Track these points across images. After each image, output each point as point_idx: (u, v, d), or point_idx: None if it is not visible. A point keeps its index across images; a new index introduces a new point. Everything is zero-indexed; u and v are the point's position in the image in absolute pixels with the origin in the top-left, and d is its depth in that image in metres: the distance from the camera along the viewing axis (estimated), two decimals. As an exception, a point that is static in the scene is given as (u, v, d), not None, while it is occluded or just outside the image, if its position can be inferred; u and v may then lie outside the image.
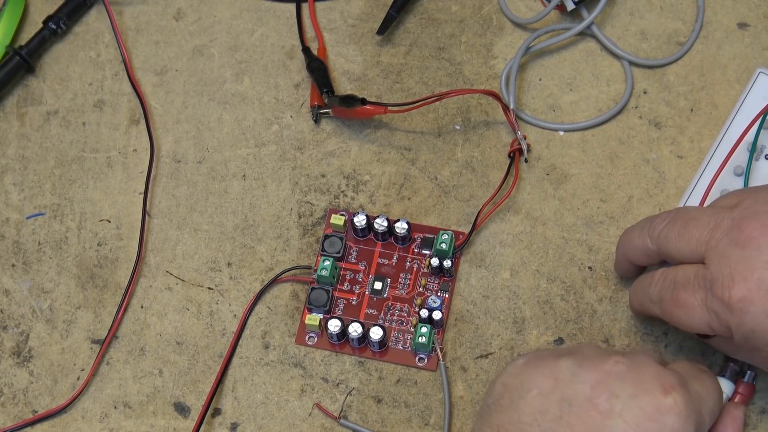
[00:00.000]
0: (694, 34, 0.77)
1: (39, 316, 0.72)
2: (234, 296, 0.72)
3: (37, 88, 0.79)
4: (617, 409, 0.56)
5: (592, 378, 0.57)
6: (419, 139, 0.75)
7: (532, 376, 0.58)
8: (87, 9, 0.81)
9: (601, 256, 0.71)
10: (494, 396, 0.60)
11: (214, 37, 0.80)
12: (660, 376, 0.57)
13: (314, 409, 0.68)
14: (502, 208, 0.73)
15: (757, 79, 0.71)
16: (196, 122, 0.77)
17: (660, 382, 0.57)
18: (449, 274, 0.71)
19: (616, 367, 0.57)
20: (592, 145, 0.75)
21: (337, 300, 0.71)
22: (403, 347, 0.69)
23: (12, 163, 0.76)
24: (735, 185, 0.68)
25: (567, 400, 0.57)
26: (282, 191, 0.74)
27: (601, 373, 0.57)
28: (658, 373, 0.57)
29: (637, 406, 0.56)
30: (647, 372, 0.57)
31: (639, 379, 0.57)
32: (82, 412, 0.69)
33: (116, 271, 0.73)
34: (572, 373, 0.58)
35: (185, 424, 0.68)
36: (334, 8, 0.80)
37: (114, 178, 0.75)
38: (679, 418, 0.56)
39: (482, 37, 0.78)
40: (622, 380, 0.57)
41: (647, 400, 0.56)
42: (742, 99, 0.70)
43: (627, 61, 0.76)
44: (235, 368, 0.70)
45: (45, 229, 0.74)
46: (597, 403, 0.56)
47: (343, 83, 0.77)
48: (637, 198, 0.73)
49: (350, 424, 0.67)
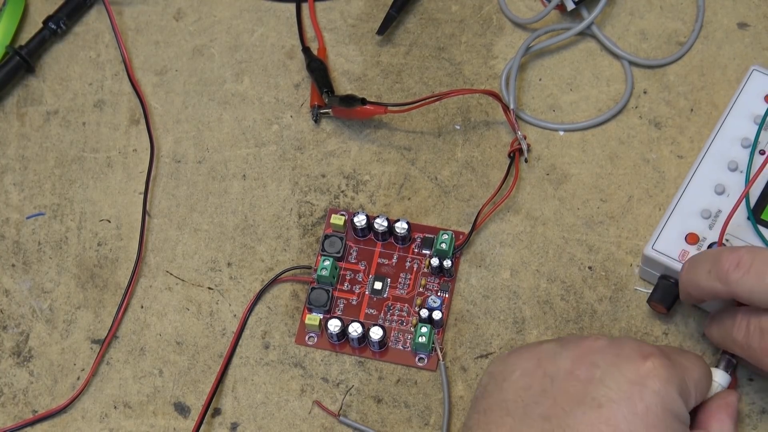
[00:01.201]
0: (694, 34, 0.77)
1: (39, 316, 0.72)
2: (234, 296, 0.72)
3: (37, 88, 0.79)
4: (597, 376, 0.58)
5: (573, 354, 0.59)
6: (419, 139, 0.76)
7: (516, 360, 0.61)
8: (87, 9, 0.81)
9: (601, 256, 0.71)
10: (481, 385, 0.61)
11: (214, 37, 0.80)
12: (639, 346, 0.59)
13: (314, 407, 0.68)
14: (502, 208, 0.73)
15: (750, 76, 0.71)
16: (196, 122, 0.77)
17: (639, 351, 0.59)
18: (449, 274, 0.71)
19: (597, 343, 0.59)
20: (592, 145, 0.75)
21: (337, 300, 0.71)
22: (403, 347, 0.69)
23: (12, 163, 0.76)
24: (730, 180, 0.68)
25: (549, 376, 0.59)
26: (282, 191, 0.74)
27: (581, 349, 0.59)
28: (637, 344, 0.59)
29: (618, 373, 0.58)
30: (627, 344, 0.59)
31: (618, 351, 0.59)
32: (82, 412, 0.69)
33: (116, 271, 0.73)
34: (554, 352, 0.60)
35: (185, 424, 0.68)
36: (334, 8, 0.80)
37: (114, 178, 0.75)
38: (660, 381, 0.57)
39: (482, 37, 0.78)
40: (602, 352, 0.59)
41: (627, 367, 0.58)
42: (737, 95, 0.70)
43: (627, 61, 0.76)
44: (235, 368, 0.70)
45: (45, 229, 0.74)
46: (578, 374, 0.58)
47: (343, 83, 0.77)
48: (637, 198, 0.73)
49: (349, 421, 0.67)
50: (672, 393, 0.58)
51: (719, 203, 0.68)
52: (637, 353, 0.58)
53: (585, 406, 0.57)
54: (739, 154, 0.69)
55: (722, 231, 0.65)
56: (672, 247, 0.67)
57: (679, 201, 0.68)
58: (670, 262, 0.67)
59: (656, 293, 0.68)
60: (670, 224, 0.68)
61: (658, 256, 0.67)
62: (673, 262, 0.67)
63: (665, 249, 0.67)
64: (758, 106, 0.70)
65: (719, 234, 0.66)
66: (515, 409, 0.58)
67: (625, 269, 0.71)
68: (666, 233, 0.68)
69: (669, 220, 0.68)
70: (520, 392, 0.59)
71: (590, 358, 0.59)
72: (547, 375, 0.59)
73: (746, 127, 0.70)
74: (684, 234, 0.67)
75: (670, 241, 0.67)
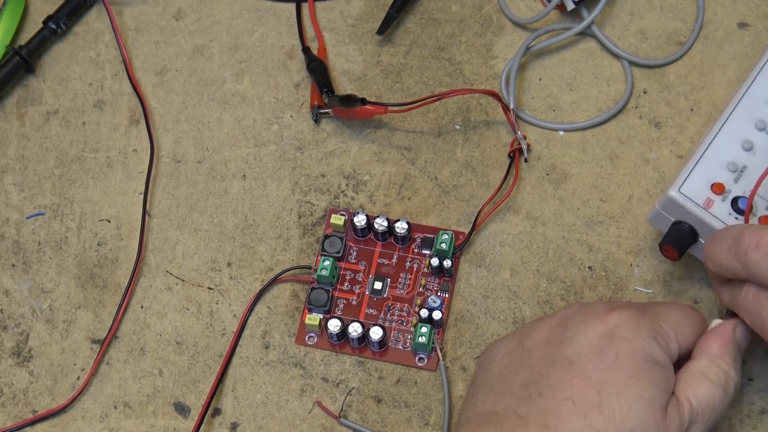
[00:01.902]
0: (694, 34, 0.77)
1: (39, 316, 0.72)
2: (234, 296, 0.72)
3: (37, 88, 0.79)
4: (568, 336, 0.59)
5: (548, 324, 0.61)
6: (419, 139, 0.75)
7: (500, 343, 0.63)
8: (87, 9, 0.81)
9: (601, 256, 0.71)
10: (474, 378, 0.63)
11: (214, 37, 0.80)
12: (608, 303, 0.61)
13: (314, 408, 0.68)
14: (502, 208, 0.73)
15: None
16: (196, 122, 0.77)
17: (606, 306, 0.60)
18: (449, 274, 0.71)
19: (570, 310, 0.61)
20: (592, 144, 0.75)
21: (337, 300, 0.71)
22: (403, 347, 0.69)
23: (12, 163, 0.76)
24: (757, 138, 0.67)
25: (527, 348, 0.60)
26: (282, 191, 0.74)
27: (555, 319, 0.61)
28: (606, 302, 0.61)
29: (586, 328, 0.59)
30: (596, 304, 0.61)
31: (588, 310, 0.60)
32: (82, 412, 0.69)
33: (116, 271, 0.73)
34: (531, 327, 0.62)
35: (185, 424, 0.68)
36: (334, 8, 0.80)
37: (114, 178, 0.75)
38: (628, 327, 0.58)
39: (482, 37, 0.78)
40: (572, 317, 0.60)
41: (595, 321, 0.59)
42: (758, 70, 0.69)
43: (627, 60, 0.76)
44: (235, 368, 0.70)
45: (45, 229, 0.74)
46: (551, 340, 0.60)
47: (343, 83, 0.77)
48: (637, 198, 0.73)
49: (350, 423, 0.67)
50: (643, 337, 0.58)
51: (746, 159, 0.67)
52: (605, 308, 0.60)
53: (557, 366, 0.58)
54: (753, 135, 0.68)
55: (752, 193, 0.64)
56: (698, 193, 0.65)
57: (707, 150, 0.67)
58: (694, 208, 0.65)
59: (670, 237, 0.66)
60: (697, 171, 0.66)
61: (684, 200, 0.65)
62: (698, 209, 0.65)
63: (692, 194, 0.65)
64: None
65: (750, 196, 0.65)
66: (497, 384, 0.60)
67: (625, 269, 0.71)
68: (693, 179, 0.66)
69: (696, 166, 0.66)
70: (503, 369, 0.60)
71: (563, 323, 0.60)
72: (525, 348, 0.60)
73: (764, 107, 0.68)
74: (710, 183, 0.66)
75: (696, 187, 0.66)
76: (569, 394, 0.57)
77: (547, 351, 0.59)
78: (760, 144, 0.67)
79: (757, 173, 0.66)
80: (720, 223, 0.65)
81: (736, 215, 0.65)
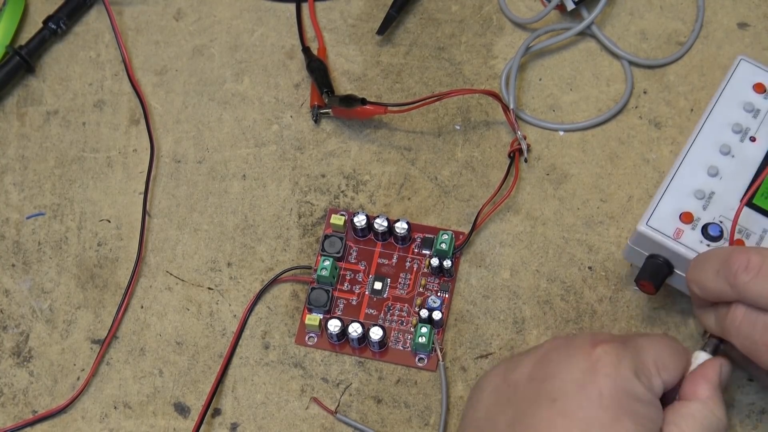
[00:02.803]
0: (694, 34, 0.77)
1: (39, 316, 0.72)
2: (234, 296, 0.72)
3: (37, 88, 0.79)
4: (551, 371, 0.57)
5: (533, 358, 0.59)
6: (419, 139, 0.76)
7: (487, 379, 0.60)
8: (87, 9, 0.81)
9: (601, 256, 0.71)
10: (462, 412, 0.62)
11: (214, 37, 0.80)
12: (591, 336, 0.59)
13: (313, 406, 0.68)
14: (502, 208, 0.73)
15: (738, 65, 0.70)
16: (196, 122, 0.77)
17: (590, 340, 0.58)
18: (449, 274, 0.71)
19: (554, 343, 0.59)
20: (592, 145, 0.75)
21: (337, 300, 0.71)
22: (403, 347, 0.69)
23: (12, 163, 0.76)
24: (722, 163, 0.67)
25: (513, 385, 0.58)
26: (282, 191, 0.74)
27: (540, 351, 0.59)
28: (590, 335, 0.59)
29: (570, 364, 0.57)
30: (579, 337, 0.59)
31: (572, 344, 0.58)
32: (82, 412, 0.69)
33: (116, 271, 0.73)
34: (518, 361, 0.59)
35: (185, 424, 0.68)
36: (334, 8, 0.80)
37: (114, 178, 0.75)
38: (610, 364, 0.57)
39: (482, 37, 0.78)
40: (557, 350, 0.59)
41: (579, 357, 0.57)
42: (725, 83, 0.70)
43: (627, 61, 0.76)
44: (235, 368, 0.70)
45: (45, 229, 0.74)
46: (535, 376, 0.58)
47: (343, 83, 0.77)
48: (637, 198, 0.73)
49: (346, 419, 0.67)
50: (625, 374, 0.57)
51: (713, 185, 0.67)
52: (587, 342, 0.58)
53: (542, 404, 0.57)
54: (731, 140, 0.68)
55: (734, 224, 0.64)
56: (667, 224, 0.66)
57: (672, 180, 0.67)
58: (665, 240, 0.65)
59: (645, 272, 0.66)
60: (664, 202, 0.66)
61: (653, 233, 0.65)
62: (668, 240, 0.65)
63: (660, 226, 0.66)
64: (746, 95, 0.69)
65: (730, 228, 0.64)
66: (485, 425, 0.58)
67: (625, 269, 0.71)
68: (660, 211, 0.66)
69: (663, 198, 0.66)
70: (490, 408, 0.59)
71: (546, 357, 0.58)
72: (510, 385, 0.58)
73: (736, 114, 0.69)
74: (679, 213, 0.66)
75: (665, 219, 0.66)
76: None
77: (531, 387, 0.58)
78: (725, 168, 0.67)
79: (724, 198, 0.66)
80: (692, 252, 0.64)
81: (707, 242, 0.65)
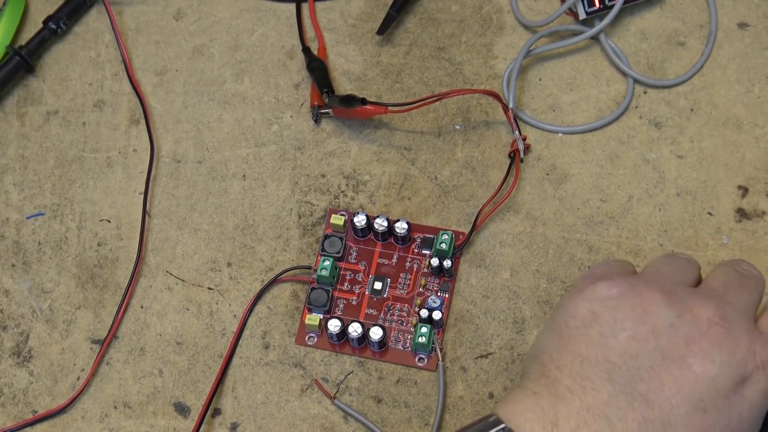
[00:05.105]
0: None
1: (39, 316, 0.72)
2: (234, 296, 0.72)
3: (37, 88, 0.79)
4: (711, 375, 0.55)
5: (689, 334, 0.56)
6: (419, 139, 0.75)
7: (627, 315, 0.57)
8: (87, 9, 0.81)
9: (601, 256, 0.71)
10: (578, 320, 0.57)
11: (214, 37, 0.80)
12: (754, 352, 0.56)
13: (305, 399, 0.68)
14: (502, 208, 0.73)
15: None
16: (196, 122, 0.77)
17: (754, 359, 0.56)
18: (449, 274, 0.71)
19: (713, 330, 0.56)
20: (592, 145, 0.75)
21: (337, 300, 0.71)
22: (403, 347, 0.69)
23: (12, 163, 0.76)
24: None
25: (661, 351, 0.55)
26: (282, 191, 0.74)
27: (698, 332, 0.56)
28: (750, 345, 0.56)
29: (729, 376, 0.55)
30: (742, 340, 0.56)
31: (734, 348, 0.56)
32: (82, 412, 0.69)
33: (116, 271, 0.73)
34: (670, 323, 0.56)
35: (185, 424, 0.68)
36: (334, 8, 0.80)
37: (114, 178, 0.75)
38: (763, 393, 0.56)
39: (482, 37, 0.78)
40: (719, 347, 0.56)
41: (739, 373, 0.55)
42: None
43: (632, 78, 0.75)
44: (235, 368, 0.70)
45: (45, 229, 0.74)
46: (691, 363, 0.55)
47: (343, 83, 0.77)
48: (637, 198, 0.73)
49: (343, 405, 0.67)
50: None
51: None
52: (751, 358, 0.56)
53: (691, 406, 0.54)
54: None
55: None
56: None
57: None
58: None
59: None
60: None
61: None
62: None
63: None
64: None
65: None
66: (618, 377, 0.55)
67: (625, 269, 0.71)
68: None
69: None
70: (627, 358, 0.55)
71: (706, 348, 0.55)
72: (658, 349, 0.55)
73: None
74: None
75: None
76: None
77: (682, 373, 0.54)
78: None
79: None
80: None
81: None
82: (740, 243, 0.71)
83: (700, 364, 0.55)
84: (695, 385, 0.55)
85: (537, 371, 0.57)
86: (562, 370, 0.56)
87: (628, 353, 0.55)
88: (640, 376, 0.54)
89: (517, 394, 0.56)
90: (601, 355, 0.55)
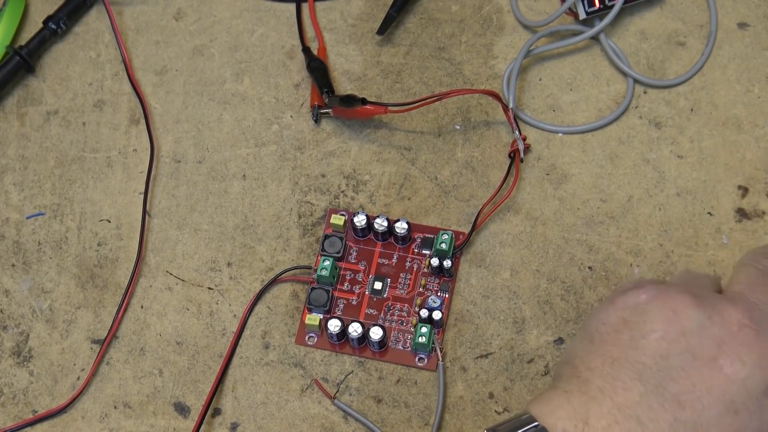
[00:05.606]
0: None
1: (39, 316, 0.72)
2: (234, 296, 0.72)
3: (37, 88, 0.79)
4: (741, 376, 0.55)
5: (720, 336, 0.56)
6: (419, 139, 0.75)
7: (657, 317, 0.57)
8: (87, 9, 0.81)
9: (601, 256, 0.71)
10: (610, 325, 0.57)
11: (214, 37, 0.80)
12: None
13: (313, 404, 0.68)
14: (502, 208, 0.73)
15: None
16: (196, 122, 0.77)
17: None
18: (449, 274, 0.71)
19: (743, 332, 0.56)
20: (592, 145, 0.75)
21: (337, 300, 0.71)
22: (403, 347, 0.69)
23: (12, 163, 0.76)
24: None
25: (691, 352, 0.55)
26: (282, 191, 0.74)
27: (728, 334, 0.56)
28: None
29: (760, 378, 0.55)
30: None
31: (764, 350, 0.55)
32: (82, 412, 0.69)
33: (116, 271, 0.73)
34: (700, 324, 0.56)
35: (185, 424, 0.68)
36: (334, 8, 0.80)
37: (114, 178, 0.75)
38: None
39: (482, 37, 0.78)
40: (749, 348, 0.55)
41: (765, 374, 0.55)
42: None
43: (632, 78, 0.75)
44: (235, 368, 0.70)
45: (45, 229, 0.74)
46: (722, 365, 0.55)
47: (343, 83, 0.77)
48: (637, 198, 0.73)
49: (343, 405, 0.67)
50: None
51: None
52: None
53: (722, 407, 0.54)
54: None
55: None
56: None
57: None
58: None
59: None
60: None
61: None
62: None
63: None
64: None
65: None
66: (649, 377, 0.55)
67: (625, 269, 0.71)
68: None
69: None
70: (658, 359, 0.55)
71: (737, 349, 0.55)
72: (689, 351, 0.55)
73: None
74: None
75: None
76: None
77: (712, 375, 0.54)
78: None
79: None
80: None
81: None
82: (740, 243, 0.71)
83: (731, 366, 0.55)
84: (726, 386, 0.55)
85: (568, 373, 0.57)
86: (593, 371, 0.56)
87: (659, 354, 0.55)
88: (670, 376, 0.55)
89: (548, 394, 0.57)
90: (631, 356, 0.56)
